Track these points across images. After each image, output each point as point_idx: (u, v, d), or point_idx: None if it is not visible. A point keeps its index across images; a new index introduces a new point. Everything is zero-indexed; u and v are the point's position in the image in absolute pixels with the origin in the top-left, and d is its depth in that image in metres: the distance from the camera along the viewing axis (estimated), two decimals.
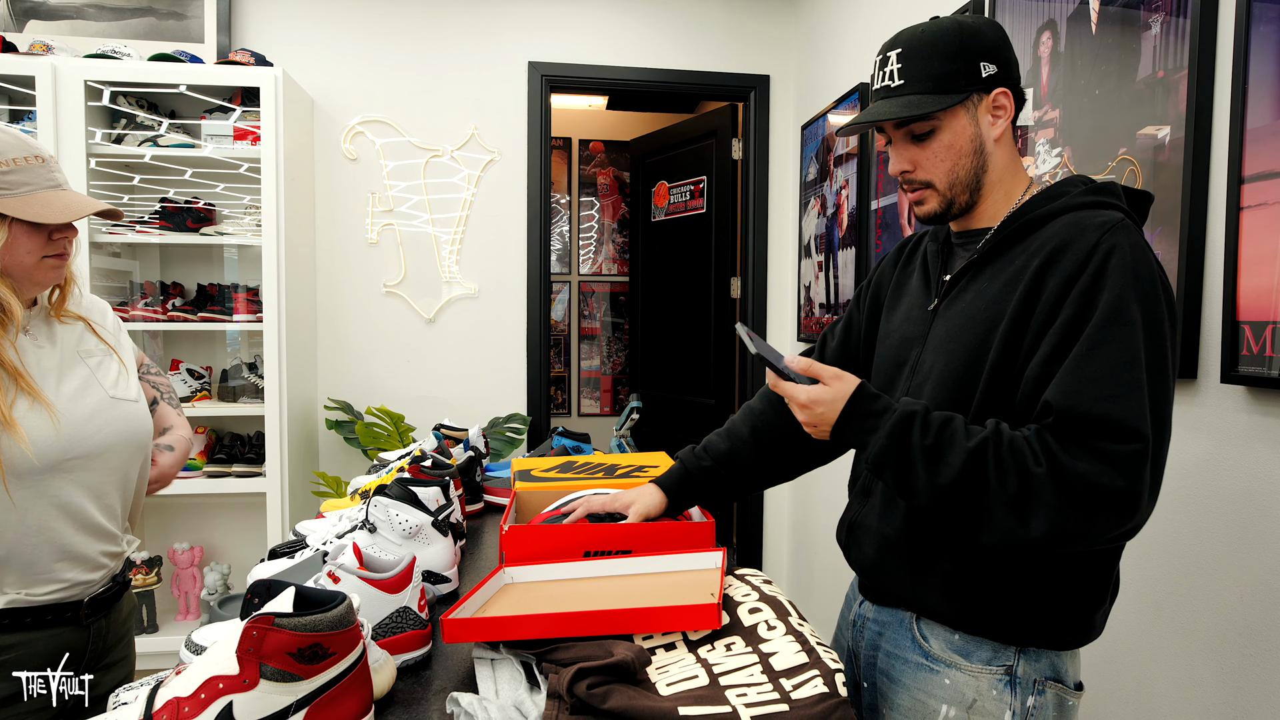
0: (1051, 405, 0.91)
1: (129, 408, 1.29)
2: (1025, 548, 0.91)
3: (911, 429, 0.96)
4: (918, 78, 1.03)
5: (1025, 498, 0.89)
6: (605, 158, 5.19)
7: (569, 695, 0.82)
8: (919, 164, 1.07)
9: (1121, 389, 0.88)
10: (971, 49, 1.02)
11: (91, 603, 1.24)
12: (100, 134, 2.74)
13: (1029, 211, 1.03)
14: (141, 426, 1.31)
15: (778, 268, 3.56)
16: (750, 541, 3.68)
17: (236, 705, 0.71)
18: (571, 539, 1.21)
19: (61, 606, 1.20)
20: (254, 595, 0.80)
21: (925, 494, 0.95)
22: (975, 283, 1.06)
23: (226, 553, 3.15)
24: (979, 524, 0.93)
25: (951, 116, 1.04)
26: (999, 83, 1.04)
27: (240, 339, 3.15)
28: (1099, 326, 0.91)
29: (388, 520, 1.25)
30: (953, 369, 1.03)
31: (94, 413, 1.22)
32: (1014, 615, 1.01)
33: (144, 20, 3.01)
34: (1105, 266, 0.92)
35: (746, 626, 0.97)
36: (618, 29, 3.39)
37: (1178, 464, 1.43)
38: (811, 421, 1.04)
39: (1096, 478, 0.87)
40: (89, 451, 1.21)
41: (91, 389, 1.24)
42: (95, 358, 1.28)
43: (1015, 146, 1.10)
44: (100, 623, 1.27)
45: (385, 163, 3.24)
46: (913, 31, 1.06)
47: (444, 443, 2.03)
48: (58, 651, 1.19)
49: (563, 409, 5.23)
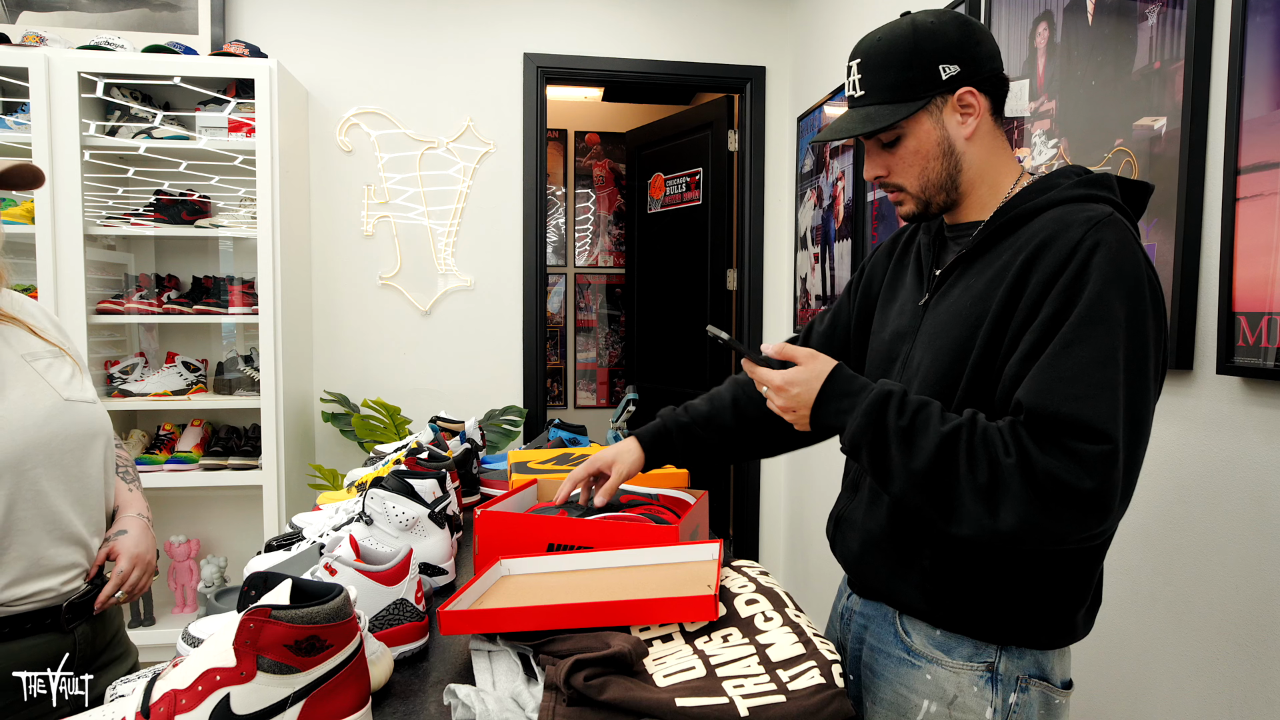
0: (1022, 403, 0.90)
1: (85, 409, 1.21)
2: (996, 540, 0.90)
3: (888, 409, 0.95)
4: (876, 88, 1.03)
5: (994, 488, 0.88)
6: (601, 149, 5.17)
7: (566, 687, 0.82)
8: (891, 169, 1.07)
9: (1092, 389, 0.87)
10: (927, 52, 1.00)
11: (71, 607, 1.18)
12: (94, 126, 2.73)
13: (1018, 205, 1.02)
14: (101, 427, 1.24)
15: (774, 260, 3.56)
16: (747, 533, 3.69)
17: (234, 697, 0.71)
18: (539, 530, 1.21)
19: (40, 614, 1.14)
20: (251, 588, 0.80)
21: (899, 478, 0.94)
22: (964, 278, 1.05)
23: (223, 545, 3.15)
24: (950, 513, 0.91)
25: (914, 123, 1.03)
26: (963, 82, 1.02)
27: (236, 332, 3.15)
28: (1076, 325, 0.89)
29: (384, 512, 1.25)
30: (939, 365, 1.02)
31: (48, 417, 1.15)
32: (993, 614, 1.00)
33: (138, 11, 2.99)
34: (1088, 263, 0.90)
35: (743, 618, 0.97)
36: (613, 20, 3.38)
37: (1173, 455, 1.43)
38: (789, 405, 1.03)
39: (1064, 474, 0.85)
40: (47, 457, 1.14)
41: (40, 392, 1.16)
42: (43, 360, 1.20)
43: (999, 138, 1.07)
44: (83, 627, 1.21)
45: (380, 155, 3.23)
46: (870, 39, 1.04)
47: (440, 435, 2.03)
48: (43, 660, 1.13)
49: (559, 401, 5.22)
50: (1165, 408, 1.44)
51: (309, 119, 3.18)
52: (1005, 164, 1.08)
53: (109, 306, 2.81)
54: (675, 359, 4.12)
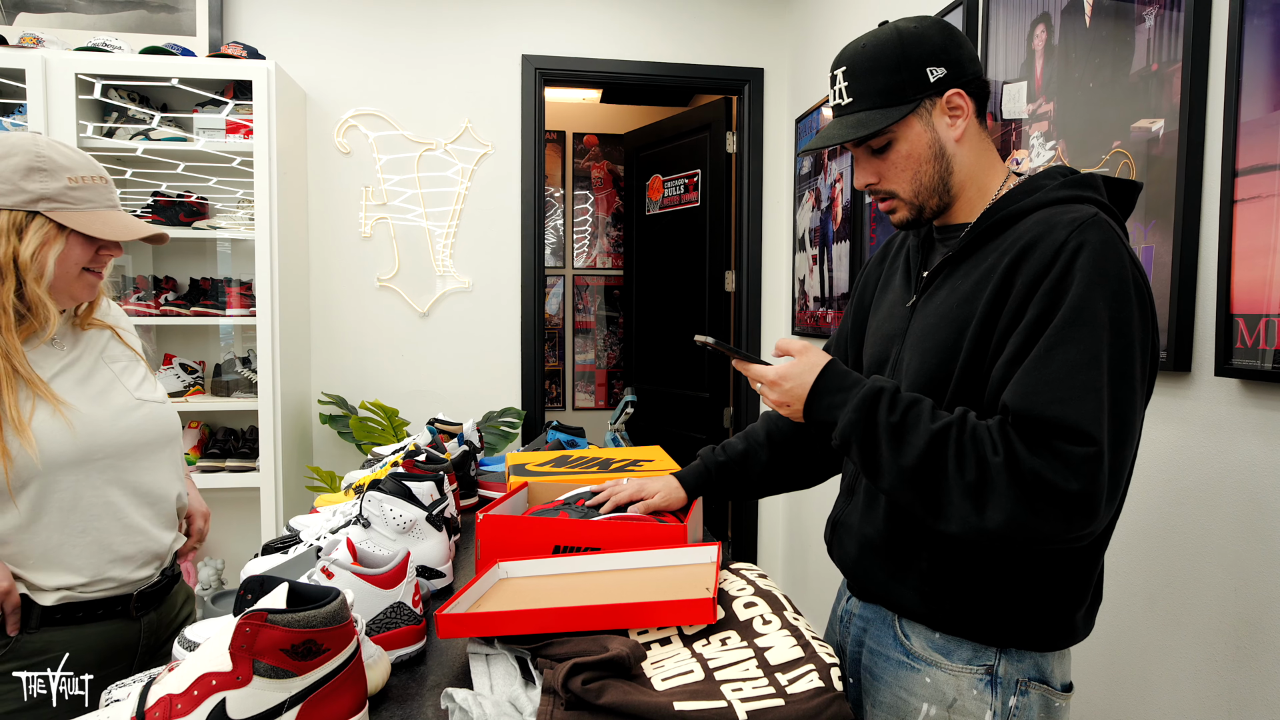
0: (1008, 406, 0.91)
1: (156, 408, 1.33)
2: (984, 538, 0.90)
3: (879, 405, 0.96)
4: (865, 94, 1.03)
5: (982, 486, 0.89)
6: (599, 151, 5.17)
7: (564, 690, 0.82)
8: (882, 175, 1.07)
9: (1076, 391, 0.87)
10: (913, 56, 1.01)
11: (140, 597, 1.27)
12: (91, 127, 2.73)
13: (1004, 206, 1.02)
14: (170, 426, 1.35)
15: (772, 261, 3.56)
16: (745, 536, 3.68)
17: (230, 702, 0.71)
18: (544, 532, 1.21)
19: (112, 601, 1.23)
20: (247, 591, 0.80)
21: (889, 474, 0.95)
22: (950, 280, 1.05)
23: (220, 548, 3.14)
24: (938, 510, 0.92)
25: (905, 127, 1.03)
26: (950, 84, 1.02)
27: (233, 333, 3.14)
28: (1060, 327, 0.89)
29: (382, 515, 1.24)
30: (927, 368, 1.03)
31: (119, 414, 1.26)
32: (992, 617, 1.00)
33: (135, 13, 2.99)
34: (1072, 265, 0.91)
35: (742, 621, 0.97)
36: (612, 22, 3.38)
37: (1171, 457, 1.43)
38: (783, 399, 1.04)
39: (1049, 475, 0.86)
40: (118, 451, 1.24)
41: (115, 391, 1.27)
42: (120, 363, 1.32)
43: (986, 138, 1.08)
44: (151, 616, 1.30)
45: (378, 156, 3.23)
46: (855, 47, 1.05)
47: (438, 437, 2.03)
48: (109, 647, 1.23)
49: (557, 403, 5.22)
50: (1163, 410, 1.44)
51: (307, 120, 3.18)
52: (992, 166, 1.08)
53: None
54: (673, 361, 4.12)
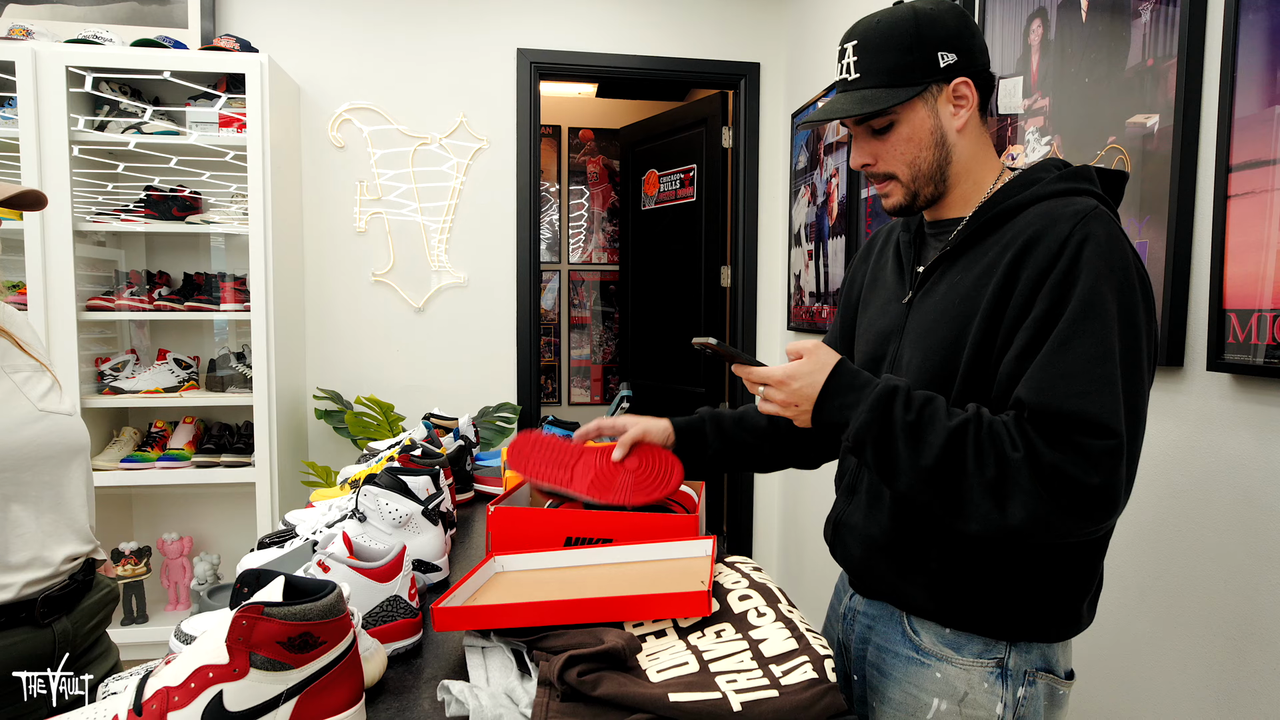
0: (1024, 402, 0.90)
1: (61, 420, 1.25)
2: (1005, 536, 0.89)
3: (894, 404, 0.94)
4: (873, 71, 1.01)
5: (1003, 482, 0.88)
6: (595, 146, 5.16)
7: (560, 682, 0.82)
8: (880, 157, 1.06)
9: (1094, 384, 0.87)
10: (928, 39, 0.99)
11: (47, 600, 1.19)
12: (83, 121, 2.71)
13: (1002, 200, 1.02)
14: (77, 438, 1.28)
15: (768, 256, 3.56)
16: (740, 529, 3.69)
17: (226, 694, 0.71)
18: (556, 523, 1.21)
19: (13, 607, 1.16)
20: (243, 585, 0.80)
21: (906, 474, 0.93)
22: (949, 275, 1.04)
23: (216, 543, 3.15)
24: (959, 510, 0.91)
25: (909, 109, 1.02)
26: (959, 72, 1.01)
27: (228, 328, 3.14)
28: (1071, 320, 0.89)
29: (378, 509, 1.24)
30: (929, 364, 1.02)
31: (19, 424, 1.19)
32: (1003, 611, 1.01)
33: (127, 5, 2.97)
34: (1079, 258, 0.90)
35: (736, 613, 0.97)
36: (608, 16, 3.37)
37: (1163, 451, 1.44)
38: (790, 399, 1.01)
39: (1071, 469, 0.85)
40: (17, 464, 1.18)
41: (15, 402, 1.21)
42: (23, 373, 1.25)
43: (985, 133, 1.07)
44: (62, 623, 1.22)
45: (373, 151, 3.22)
46: (868, 22, 1.03)
47: (434, 432, 2.02)
48: (20, 656, 1.15)
49: (553, 398, 5.22)
50: (1156, 405, 1.44)
51: (301, 114, 3.16)
52: (989, 160, 1.08)
53: (99, 303, 2.79)
54: (669, 356, 4.12)
